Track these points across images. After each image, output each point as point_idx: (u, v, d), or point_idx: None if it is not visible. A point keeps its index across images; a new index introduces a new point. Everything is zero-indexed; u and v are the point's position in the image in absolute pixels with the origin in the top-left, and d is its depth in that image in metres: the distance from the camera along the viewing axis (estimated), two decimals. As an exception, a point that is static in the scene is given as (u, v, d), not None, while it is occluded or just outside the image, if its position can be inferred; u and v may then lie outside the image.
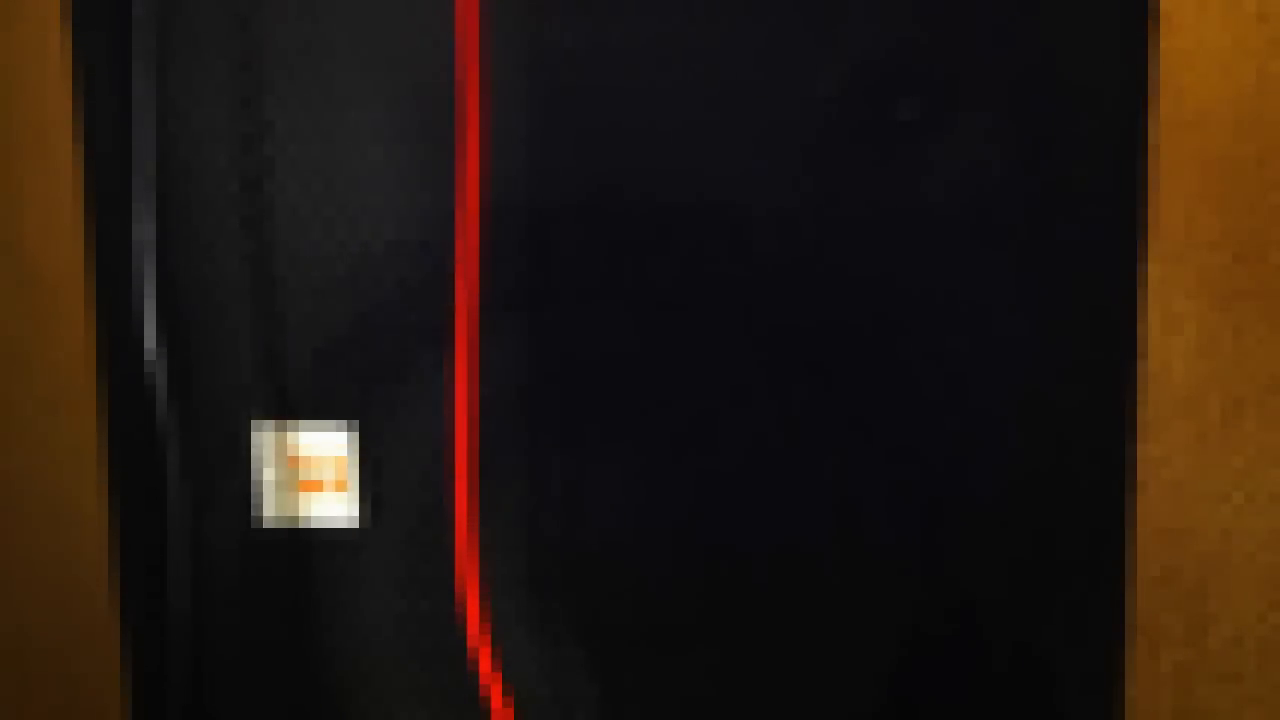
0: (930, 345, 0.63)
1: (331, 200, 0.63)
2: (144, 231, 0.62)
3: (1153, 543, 0.64)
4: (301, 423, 0.64)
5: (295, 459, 0.64)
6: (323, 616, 0.65)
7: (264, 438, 0.64)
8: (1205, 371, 0.64)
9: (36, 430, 0.66)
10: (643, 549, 0.65)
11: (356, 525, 0.64)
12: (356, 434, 0.64)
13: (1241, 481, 0.64)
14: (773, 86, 0.61)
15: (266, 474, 0.64)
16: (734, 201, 0.62)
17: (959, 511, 0.64)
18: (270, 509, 0.64)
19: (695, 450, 0.64)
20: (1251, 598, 0.65)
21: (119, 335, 0.63)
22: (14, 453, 0.66)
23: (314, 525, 0.65)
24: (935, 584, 0.64)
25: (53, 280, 0.65)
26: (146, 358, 0.62)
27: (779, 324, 0.63)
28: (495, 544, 0.64)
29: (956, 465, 0.63)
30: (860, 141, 0.62)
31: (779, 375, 0.63)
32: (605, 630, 0.65)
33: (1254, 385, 0.64)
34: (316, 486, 0.64)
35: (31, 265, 0.65)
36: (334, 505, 0.64)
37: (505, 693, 0.62)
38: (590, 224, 0.62)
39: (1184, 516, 0.65)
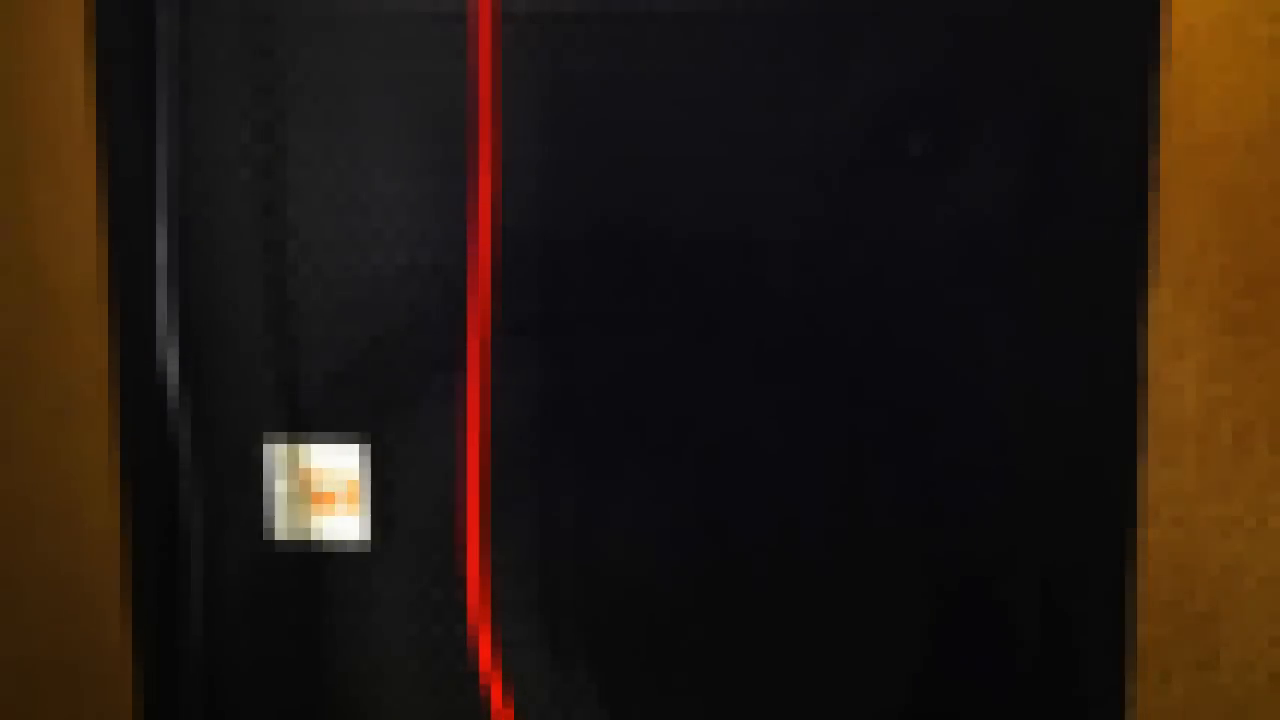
0: (938, 375, 0.63)
1: (348, 224, 0.63)
2: (165, 251, 0.62)
3: (1162, 570, 0.64)
4: (315, 443, 0.64)
5: (308, 478, 0.64)
6: (333, 635, 0.66)
7: (277, 457, 0.64)
8: (1215, 398, 0.63)
9: (51, 446, 0.66)
10: (652, 572, 0.65)
11: (368, 546, 0.65)
12: (369, 455, 0.64)
13: (1251, 508, 0.64)
14: (785, 119, 0.62)
15: (279, 492, 0.65)
16: (744, 230, 0.62)
17: (968, 540, 0.64)
18: (282, 527, 0.65)
19: (706, 475, 0.64)
20: (1262, 625, 0.65)
21: (134, 353, 0.64)
22: (28, 468, 0.67)
23: (325, 544, 0.65)
24: (942, 613, 0.64)
25: (69, 298, 0.65)
26: (169, 380, 0.62)
27: (790, 351, 0.63)
28: (505, 567, 0.64)
29: (965, 494, 0.63)
30: (871, 173, 0.62)
31: (789, 403, 0.63)
32: (614, 653, 0.65)
33: (1264, 412, 0.63)
34: (329, 506, 0.64)
35: (49, 284, 0.66)
36: (345, 525, 0.65)
37: (514, 716, 0.62)
38: (600, 251, 0.63)
39: (1193, 543, 0.64)
